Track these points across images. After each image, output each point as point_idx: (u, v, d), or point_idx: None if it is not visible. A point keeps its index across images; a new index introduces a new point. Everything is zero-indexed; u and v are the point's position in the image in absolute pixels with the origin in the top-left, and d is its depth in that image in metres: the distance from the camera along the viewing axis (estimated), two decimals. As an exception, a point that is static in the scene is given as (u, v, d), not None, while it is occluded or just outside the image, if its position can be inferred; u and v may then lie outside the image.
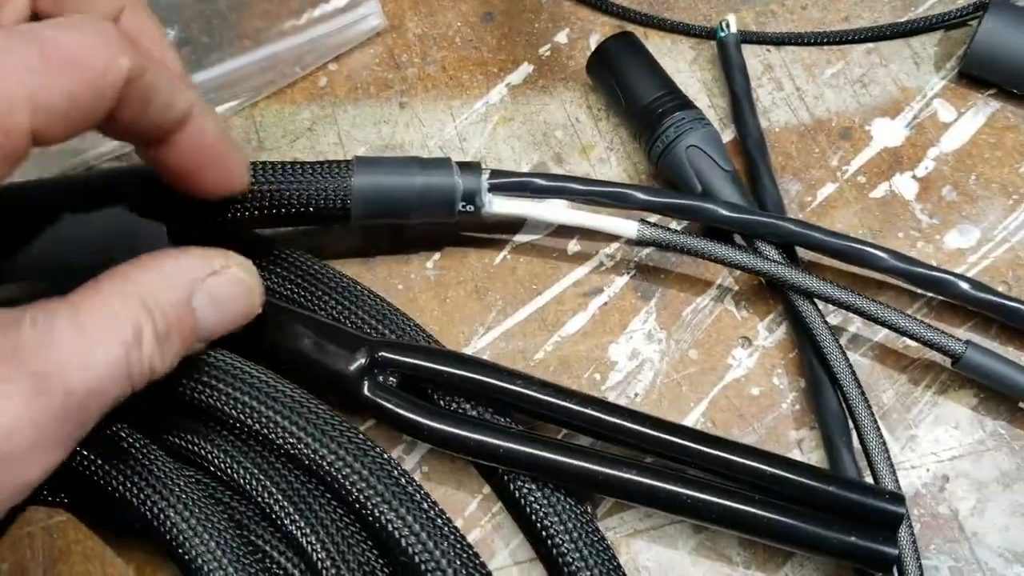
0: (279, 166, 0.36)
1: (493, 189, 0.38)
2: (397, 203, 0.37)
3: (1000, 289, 0.39)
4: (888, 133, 0.44)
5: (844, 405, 0.37)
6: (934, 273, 0.37)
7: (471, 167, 0.38)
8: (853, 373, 0.36)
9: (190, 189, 0.32)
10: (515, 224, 0.42)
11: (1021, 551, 0.35)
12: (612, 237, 0.40)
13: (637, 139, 0.43)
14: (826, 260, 0.40)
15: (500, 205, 0.39)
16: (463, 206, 0.37)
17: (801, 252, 0.40)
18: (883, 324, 0.36)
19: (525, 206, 0.39)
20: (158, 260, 0.30)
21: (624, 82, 0.43)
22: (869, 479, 0.36)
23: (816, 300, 0.38)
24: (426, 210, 0.37)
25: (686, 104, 0.42)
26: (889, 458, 0.35)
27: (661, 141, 0.41)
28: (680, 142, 0.40)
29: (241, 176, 0.34)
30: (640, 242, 0.38)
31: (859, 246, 0.38)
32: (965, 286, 0.37)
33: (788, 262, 0.38)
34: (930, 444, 0.37)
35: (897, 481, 0.35)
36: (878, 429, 0.35)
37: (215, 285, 0.31)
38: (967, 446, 0.37)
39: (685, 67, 0.46)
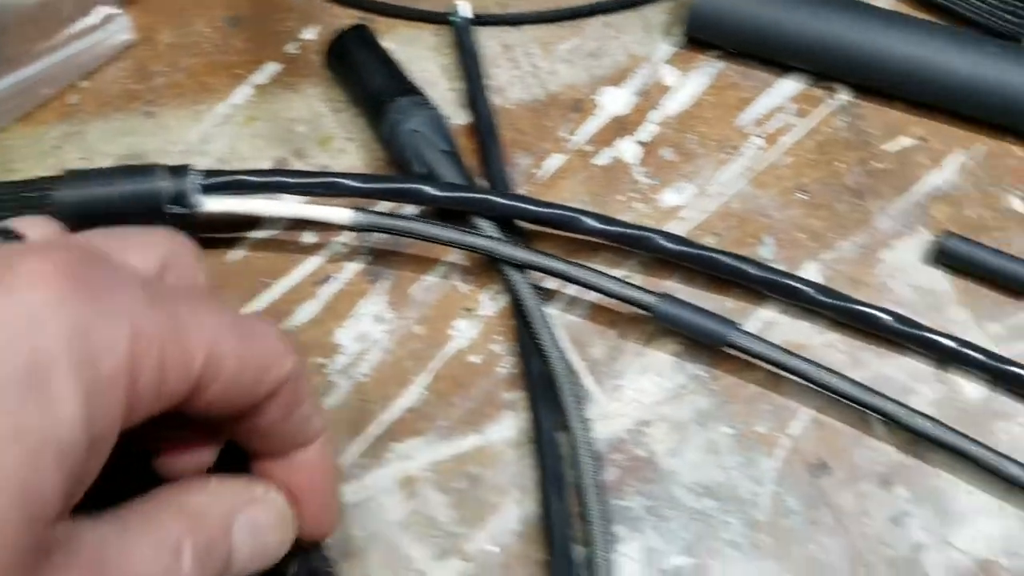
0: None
1: (208, 190, 0.40)
2: (103, 213, 0.39)
3: (710, 241, 0.42)
4: (616, 101, 0.46)
5: (546, 367, 0.38)
6: (632, 231, 0.40)
7: (179, 170, 0.40)
8: (552, 336, 0.39)
9: None
10: (253, 220, 0.44)
11: (711, 484, 0.38)
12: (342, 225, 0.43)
13: (372, 127, 0.45)
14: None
15: (214, 204, 0.41)
16: (172, 208, 0.40)
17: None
18: (583, 285, 0.39)
19: (240, 203, 0.41)
20: (203, 481, 0.30)
21: (357, 73, 0.46)
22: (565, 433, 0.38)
23: (527, 269, 0.40)
24: (136, 216, 0.40)
25: (411, 90, 0.44)
26: (582, 414, 0.37)
27: (387, 127, 0.43)
28: (402, 126, 0.43)
29: (332, 523, 0.33)
30: (357, 228, 0.40)
31: (564, 212, 0.40)
32: (662, 241, 0.40)
33: (501, 236, 0.40)
34: (634, 392, 0.39)
35: (589, 435, 0.37)
36: (575, 387, 0.38)
37: (255, 513, 0.31)
38: (668, 391, 0.39)
39: (428, 54, 0.48)
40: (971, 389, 0.39)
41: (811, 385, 0.39)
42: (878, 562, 0.36)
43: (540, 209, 0.40)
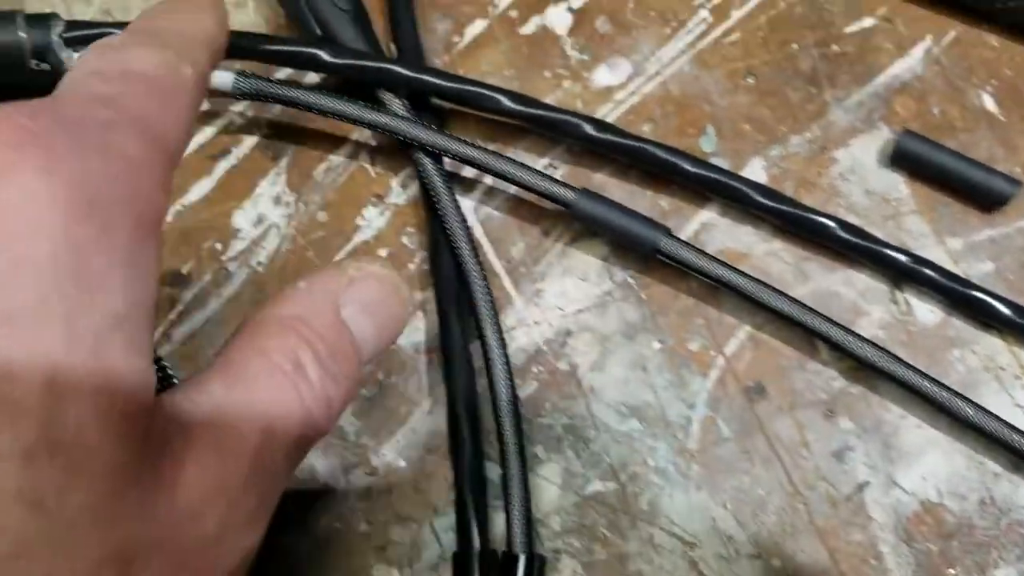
0: None
1: (72, 43, 0.35)
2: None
3: (646, 128, 0.38)
4: (547, -41, 0.41)
5: (459, 267, 0.35)
6: (554, 115, 0.36)
7: (42, 19, 0.35)
8: (466, 230, 0.35)
9: None
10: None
11: (636, 404, 0.35)
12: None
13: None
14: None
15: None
16: (35, 64, 0.34)
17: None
18: (496, 175, 0.35)
19: (115, 65, 0.35)
20: (289, 288, 0.27)
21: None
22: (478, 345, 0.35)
23: (436, 153, 0.35)
24: (-6, 71, 0.34)
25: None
26: (497, 322, 0.34)
27: (281, -21, 0.38)
28: (296, -21, 0.37)
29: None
30: (239, 95, 0.35)
31: (477, 89, 0.36)
32: (589, 128, 0.36)
33: (410, 114, 0.36)
34: (555, 298, 0.36)
35: (504, 345, 0.33)
36: (487, 292, 0.34)
37: (359, 291, 0.28)
38: (593, 298, 0.36)
39: None
40: (925, 311, 0.36)
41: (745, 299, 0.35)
42: (817, 499, 0.34)
43: (452, 84, 0.36)
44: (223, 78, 0.36)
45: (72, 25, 0.36)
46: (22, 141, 0.19)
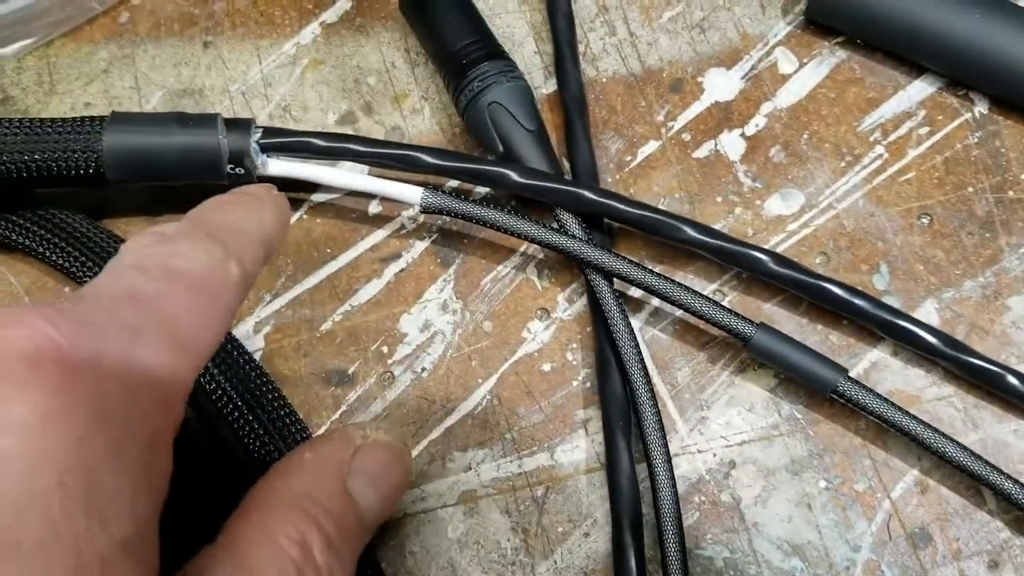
0: (17, 123, 0.35)
1: (267, 149, 0.37)
2: (155, 165, 0.36)
3: (818, 260, 0.38)
4: (721, 85, 0.42)
5: (626, 387, 0.35)
6: (735, 247, 0.37)
7: (241, 124, 0.36)
8: (639, 354, 0.35)
9: None
10: (312, 182, 0.40)
11: (800, 543, 0.34)
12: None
13: (447, 89, 0.41)
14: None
15: (276, 167, 0.37)
16: (231, 168, 0.36)
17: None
18: (671, 302, 0.35)
19: (304, 169, 0.37)
20: (296, 457, 0.28)
21: (434, 25, 0.41)
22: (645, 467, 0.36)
23: (609, 275, 0.36)
24: (189, 172, 0.36)
25: (495, 54, 0.40)
26: (666, 447, 0.34)
27: (465, 95, 0.39)
28: (482, 98, 0.39)
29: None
30: (425, 210, 0.37)
31: (659, 217, 0.37)
32: (768, 261, 0.36)
33: (584, 234, 0.37)
34: (720, 427, 0.36)
35: (671, 470, 0.34)
36: (657, 416, 0.34)
37: (366, 461, 0.29)
38: (759, 431, 0.36)
39: (514, 7, 0.44)
40: (1098, 468, 0.35)
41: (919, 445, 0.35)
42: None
43: (633, 211, 0.37)
44: (413, 193, 0.37)
45: (269, 132, 0.37)
46: (40, 355, 0.19)
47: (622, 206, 0.37)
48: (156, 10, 0.45)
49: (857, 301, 0.36)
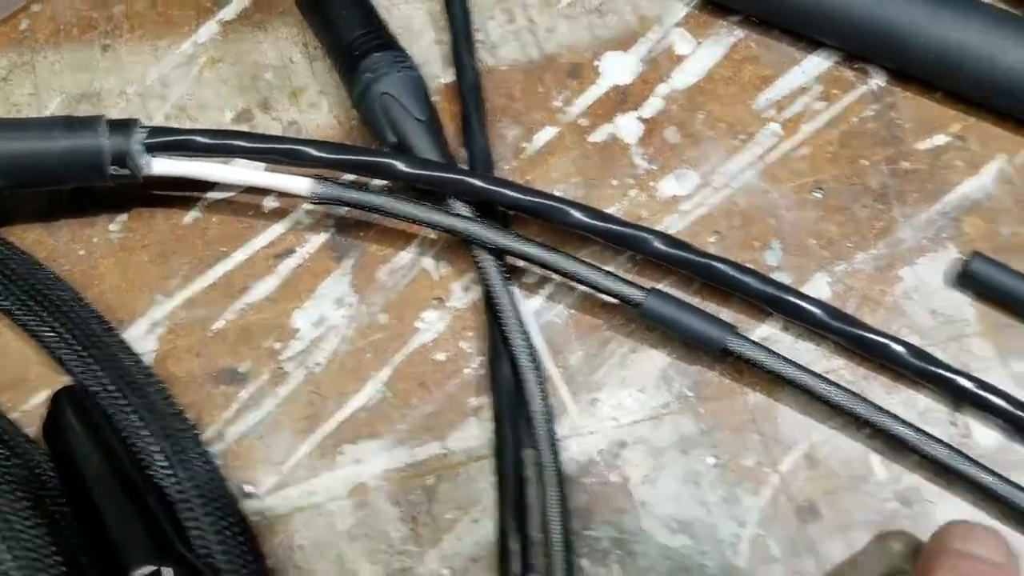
0: None
1: (153, 149, 0.38)
2: (40, 169, 0.37)
3: (711, 240, 0.39)
4: (619, 69, 0.43)
5: (516, 374, 0.36)
6: (623, 229, 0.38)
7: (125, 125, 0.38)
8: (526, 338, 0.36)
9: None
10: (201, 179, 0.41)
11: (688, 520, 0.36)
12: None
13: (343, 82, 0.42)
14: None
15: (162, 166, 0.38)
16: (115, 169, 0.37)
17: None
18: (563, 274, 0.38)
19: (191, 167, 0.38)
20: None
21: (327, 17, 0.43)
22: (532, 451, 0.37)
23: (502, 254, 0.39)
24: (74, 175, 0.37)
25: (387, 44, 0.41)
26: (552, 432, 0.35)
27: (357, 87, 0.41)
28: (374, 88, 0.40)
29: None
30: (317, 200, 0.38)
31: (547, 202, 0.38)
32: (658, 243, 0.38)
33: (475, 216, 0.38)
34: (611, 408, 0.37)
35: (557, 455, 0.35)
36: (546, 401, 0.35)
37: None
38: (649, 410, 0.37)
39: (414, -3, 0.45)
40: (984, 435, 0.36)
41: (811, 407, 0.38)
42: (862, 623, 0.34)
43: (522, 197, 0.38)
44: (301, 184, 0.38)
45: (155, 132, 0.38)
46: None
47: (511, 192, 0.38)
48: (56, 16, 0.46)
49: (744, 278, 0.38)
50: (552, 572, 0.34)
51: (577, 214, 0.38)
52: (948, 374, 0.36)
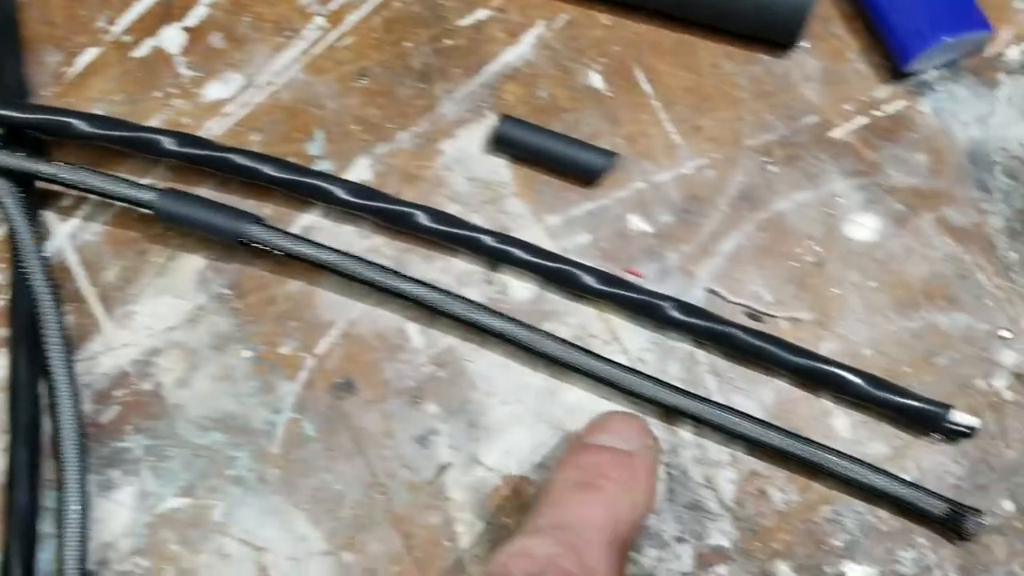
0: None
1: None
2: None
3: (255, 138, 0.39)
4: (165, -18, 0.41)
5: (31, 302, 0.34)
6: (132, 134, 0.38)
7: None
8: (43, 266, 0.35)
9: None
10: None
11: (221, 416, 0.34)
12: None
13: None
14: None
15: None
16: None
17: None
18: (78, 188, 0.38)
19: None
20: None
21: None
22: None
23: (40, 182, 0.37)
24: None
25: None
26: (65, 356, 0.33)
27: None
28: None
29: None
30: None
31: (53, 117, 0.37)
32: (168, 142, 0.38)
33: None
34: (147, 318, 0.36)
35: (73, 380, 0.33)
36: (58, 328, 0.34)
37: None
38: (185, 314, 0.36)
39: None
40: (520, 289, 0.36)
41: (349, 288, 0.38)
42: (396, 487, 0.34)
43: (24, 115, 0.36)
44: None
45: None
46: None
47: (11, 112, 0.37)
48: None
49: (263, 168, 0.37)
50: (61, 493, 0.32)
51: (82, 125, 0.37)
52: (471, 234, 0.36)
